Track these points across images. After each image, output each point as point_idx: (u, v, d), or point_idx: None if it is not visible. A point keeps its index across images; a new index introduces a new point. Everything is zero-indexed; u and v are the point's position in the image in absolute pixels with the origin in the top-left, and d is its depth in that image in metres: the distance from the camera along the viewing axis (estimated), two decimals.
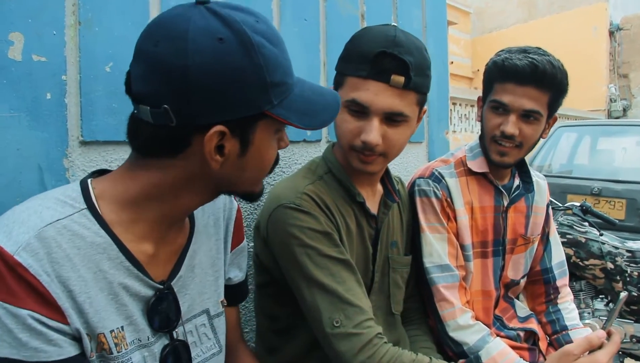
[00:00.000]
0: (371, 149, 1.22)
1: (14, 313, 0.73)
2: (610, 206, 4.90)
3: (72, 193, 0.85)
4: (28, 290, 0.75)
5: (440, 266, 1.49)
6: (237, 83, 0.79)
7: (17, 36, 1.05)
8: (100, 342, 0.83)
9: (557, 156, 5.96)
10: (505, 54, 1.51)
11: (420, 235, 1.52)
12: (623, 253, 2.99)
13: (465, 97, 8.36)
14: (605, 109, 13.13)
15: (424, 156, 2.23)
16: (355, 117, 1.23)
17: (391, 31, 1.20)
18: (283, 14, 1.60)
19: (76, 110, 1.15)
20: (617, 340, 1.26)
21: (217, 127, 0.80)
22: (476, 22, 15.31)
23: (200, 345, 1.00)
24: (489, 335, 1.45)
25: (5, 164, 1.04)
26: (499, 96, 1.49)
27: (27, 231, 0.77)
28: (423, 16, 2.16)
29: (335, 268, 1.20)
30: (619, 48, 13.35)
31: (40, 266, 0.76)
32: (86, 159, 1.18)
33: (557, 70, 1.45)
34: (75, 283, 0.79)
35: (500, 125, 1.50)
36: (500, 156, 1.53)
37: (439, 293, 1.48)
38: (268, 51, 0.81)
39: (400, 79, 1.18)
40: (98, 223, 0.83)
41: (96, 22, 1.17)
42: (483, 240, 1.59)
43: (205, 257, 1.03)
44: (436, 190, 1.53)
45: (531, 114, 1.47)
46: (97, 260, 0.82)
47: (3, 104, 1.04)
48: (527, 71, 1.43)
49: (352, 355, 1.16)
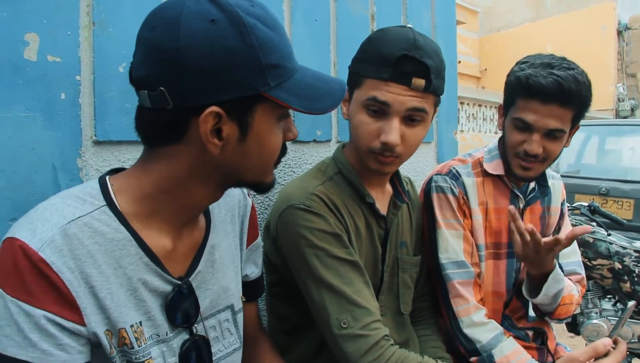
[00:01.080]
0: (391, 150, 1.22)
1: (28, 312, 0.74)
2: (618, 206, 4.89)
3: (92, 191, 0.86)
4: (48, 288, 0.76)
5: (456, 262, 1.49)
6: (229, 64, 0.79)
7: (32, 37, 1.06)
8: (122, 336, 0.84)
9: (564, 155, 5.92)
10: (530, 70, 1.45)
11: (437, 230, 1.52)
12: (631, 253, 2.98)
13: (472, 97, 8.32)
14: (613, 108, 13.05)
15: (433, 157, 2.23)
16: (374, 118, 1.23)
17: (410, 34, 1.21)
18: (294, 15, 1.61)
19: (90, 110, 1.17)
20: (622, 348, 1.27)
21: (211, 108, 0.80)
22: (484, 21, 15.24)
23: (222, 341, 1.01)
24: (502, 333, 1.45)
25: (20, 163, 1.06)
26: (523, 114, 1.45)
27: (51, 229, 0.78)
28: (432, 16, 2.17)
29: (343, 269, 1.21)
30: (627, 47, 13.26)
31: (63, 263, 0.77)
32: (99, 158, 1.19)
33: (582, 85, 1.41)
34: (97, 279, 0.81)
35: (523, 142, 1.47)
36: (524, 170, 1.51)
37: (454, 289, 1.48)
38: (262, 32, 0.81)
39: (421, 82, 1.19)
40: (118, 219, 0.85)
41: (110, 23, 1.19)
42: (497, 242, 1.59)
43: (225, 253, 1.04)
44: (453, 187, 1.53)
45: (555, 133, 1.44)
46: (117, 256, 0.84)
47: (19, 104, 1.05)
48: (552, 90, 1.38)
49: (359, 356, 1.17)
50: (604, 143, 5.91)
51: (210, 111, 0.80)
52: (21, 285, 0.74)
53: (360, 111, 1.24)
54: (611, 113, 12.92)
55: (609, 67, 13.09)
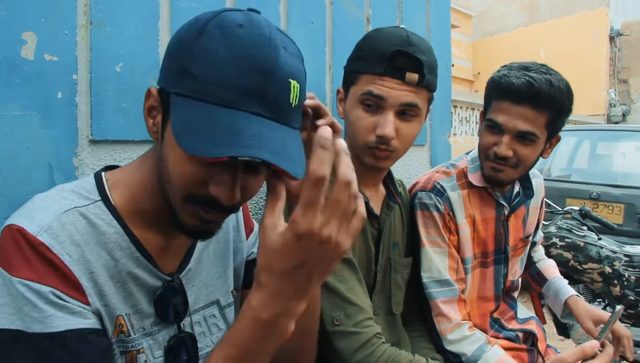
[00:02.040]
0: (386, 143, 1.24)
1: (36, 289, 0.74)
2: (609, 210, 4.92)
3: (88, 186, 0.87)
4: (50, 268, 0.77)
5: (439, 281, 1.47)
6: (172, 51, 0.80)
7: (30, 35, 1.07)
8: (119, 324, 0.85)
9: (556, 160, 5.98)
10: (505, 71, 1.46)
11: (420, 249, 1.50)
12: (621, 257, 3.01)
13: (466, 100, 8.36)
14: (604, 114, 13.14)
15: (426, 159, 2.25)
16: (369, 112, 1.26)
17: (403, 32, 1.25)
18: (290, 17, 1.62)
19: (86, 109, 1.17)
20: (609, 352, 1.30)
21: (152, 87, 0.83)
22: (478, 25, 15.31)
23: (209, 336, 1.01)
24: (486, 343, 1.44)
25: (16, 162, 1.06)
26: (495, 114, 1.46)
27: (48, 216, 0.79)
28: (427, 20, 2.18)
29: (337, 267, 1.22)
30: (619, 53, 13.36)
31: (62, 247, 0.78)
32: (95, 158, 1.19)
33: (556, 90, 1.39)
34: (95, 265, 0.82)
35: (494, 145, 1.47)
36: (495, 172, 1.50)
37: (437, 308, 1.47)
38: (212, 43, 0.75)
39: (415, 76, 1.22)
40: (111, 214, 0.86)
41: (107, 23, 1.19)
42: (484, 251, 1.60)
43: (214, 250, 1.05)
44: (438, 204, 1.50)
45: (526, 135, 1.42)
46: (109, 249, 0.84)
47: (15, 103, 1.05)
48: (522, 90, 1.38)
49: (350, 353, 1.18)
50: (596, 148, 5.95)
51: (150, 88, 0.83)
52: (24, 265, 0.75)
53: (356, 107, 1.27)
54: (603, 118, 13.00)
55: (601, 72, 13.18)
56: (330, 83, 1.76)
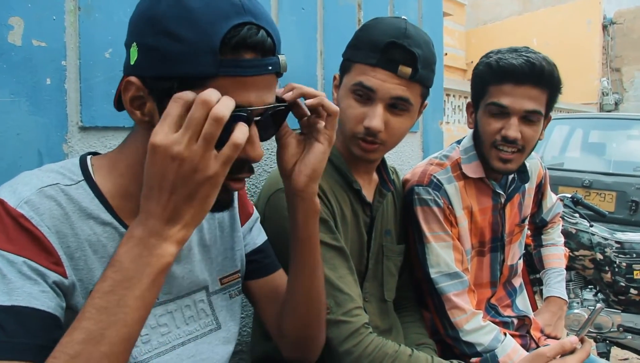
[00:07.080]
0: (374, 135, 1.23)
1: (10, 260, 0.74)
2: (601, 198, 4.96)
3: (72, 167, 0.87)
4: (29, 239, 0.77)
5: (449, 275, 1.47)
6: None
7: (16, 21, 1.06)
8: None
9: (549, 148, 6.00)
10: (497, 55, 1.46)
11: (425, 245, 1.49)
12: (612, 244, 3.04)
13: (459, 89, 8.39)
14: (597, 102, 13.19)
15: (418, 146, 2.25)
16: (360, 103, 1.25)
17: (402, 23, 1.23)
18: (281, 3, 1.61)
19: (76, 96, 1.16)
20: (587, 348, 1.31)
21: (129, 78, 0.80)
22: (471, 14, 15.29)
23: (198, 321, 1.02)
24: (500, 333, 1.46)
25: (5, 148, 1.05)
26: (497, 98, 1.44)
27: (30, 189, 0.80)
28: (419, 7, 2.17)
29: (328, 255, 1.22)
30: (612, 42, 13.39)
31: (41, 219, 0.78)
32: (85, 144, 1.19)
33: (553, 67, 1.42)
34: (72, 240, 0.82)
35: (500, 129, 1.45)
36: (503, 163, 1.48)
37: (450, 301, 1.46)
38: None
39: (408, 70, 1.20)
40: (94, 194, 0.86)
41: (96, 8, 1.18)
42: (481, 240, 1.60)
43: (207, 236, 1.04)
44: (437, 199, 1.49)
45: (533, 114, 1.43)
46: (91, 224, 0.84)
47: (3, 89, 1.05)
48: (525, 70, 1.38)
49: (339, 342, 1.19)
50: (588, 136, 5.97)
51: (127, 79, 0.80)
52: (2, 236, 0.75)
53: (348, 96, 1.26)
54: (595, 107, 13.06)
55: (593, 61, 13.22)
56: (321, 69, 1.75)
